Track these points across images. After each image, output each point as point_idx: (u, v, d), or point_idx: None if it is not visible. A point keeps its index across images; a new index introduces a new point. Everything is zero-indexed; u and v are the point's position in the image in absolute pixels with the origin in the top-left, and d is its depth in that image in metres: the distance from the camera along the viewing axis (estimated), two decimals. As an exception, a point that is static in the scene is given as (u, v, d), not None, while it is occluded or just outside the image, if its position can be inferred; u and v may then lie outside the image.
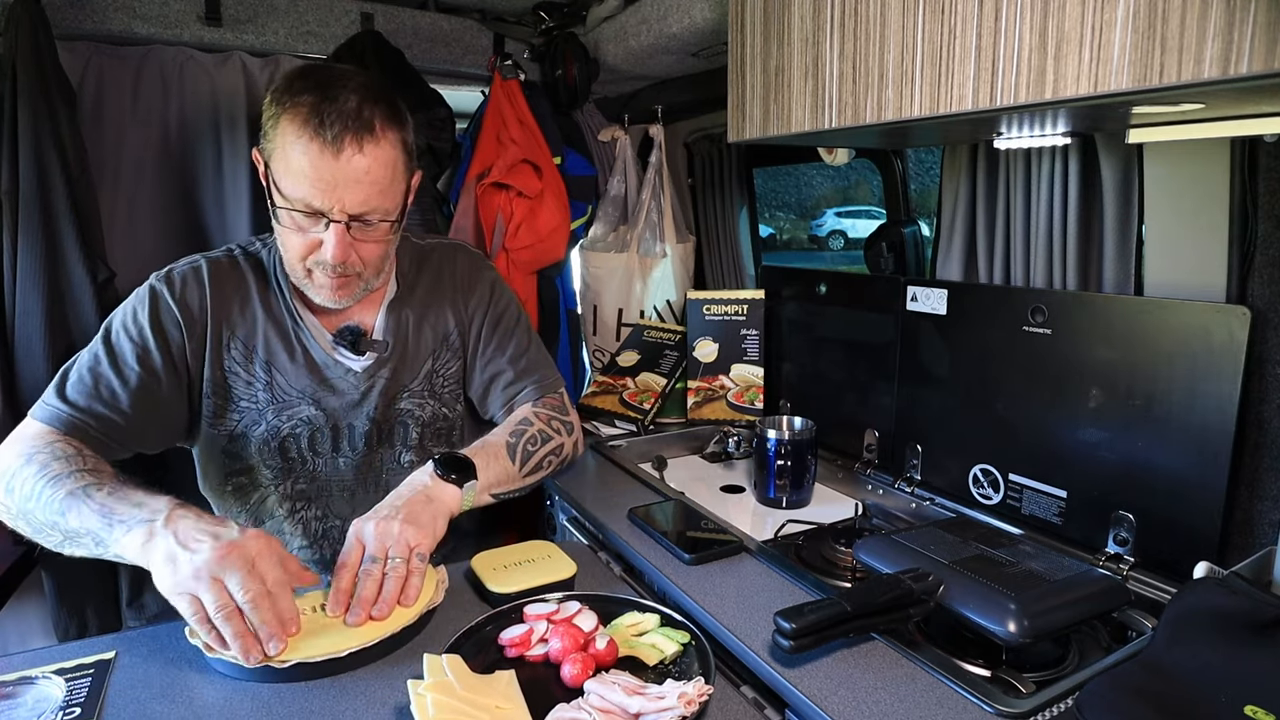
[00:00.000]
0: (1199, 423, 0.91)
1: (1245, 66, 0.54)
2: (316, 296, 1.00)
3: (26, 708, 0.74)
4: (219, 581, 0.74)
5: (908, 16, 0.81)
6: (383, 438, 1.12)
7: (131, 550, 0.79)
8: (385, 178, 0.92)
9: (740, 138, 1.12)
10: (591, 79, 1.77)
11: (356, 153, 0.88)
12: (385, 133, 0.91)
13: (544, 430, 1.09)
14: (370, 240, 0.96)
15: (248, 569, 0.75)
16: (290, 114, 0.88)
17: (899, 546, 0.92)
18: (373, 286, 1.04)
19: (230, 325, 1.03)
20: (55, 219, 1.28)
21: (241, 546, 0.76)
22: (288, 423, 1.06)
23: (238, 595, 0.74)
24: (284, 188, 0.90)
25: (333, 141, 0.87)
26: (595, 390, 1.75)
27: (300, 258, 0.95)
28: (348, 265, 0.95)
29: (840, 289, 1.47)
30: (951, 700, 0.72)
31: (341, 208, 0.90)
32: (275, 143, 0.91)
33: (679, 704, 0.69)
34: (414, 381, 1.12)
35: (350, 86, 0.90)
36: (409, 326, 1.11)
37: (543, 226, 1.78)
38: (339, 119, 0.87)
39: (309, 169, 0.88)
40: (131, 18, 1.41)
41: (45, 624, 1.45)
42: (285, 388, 1.04)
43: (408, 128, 0.97)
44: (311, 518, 1.11)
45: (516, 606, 0.89)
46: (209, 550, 0.74)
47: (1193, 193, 0.94)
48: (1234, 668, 0.66)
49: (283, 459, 1.07)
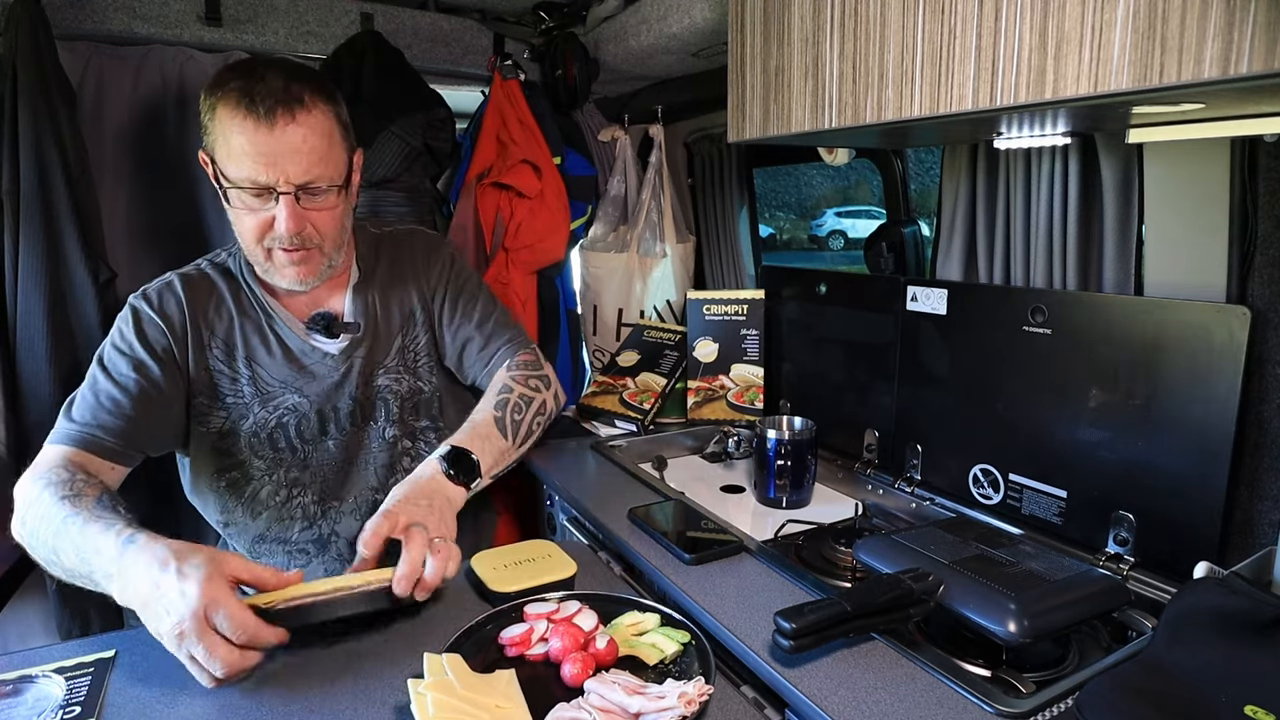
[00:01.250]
0: (1199, 423, 0.91)
1: (1245, 66, 0.54)
2: (281, 280, 1.05)
3: (26, 706, 0.74)
4: (191, 658, 0.74)
5: (908, 16, 0.81)
6: (366, 416, 1.15)
7: (118, 598, 0.79)
8: (322, 145, 0.97)
9: (740, 138, 1.12)
10: (591, 79, 1.77)
11: (290, 123, 0.94)
12: (315, 104, 0.96)
13: (525, 394, 1.12)
14: (320, 209, 1.00)
15: (208, 639, 0.72)
16: (223, 101, 0.94)
17: (899, 546, 0.92)
18: (335, 263, 1.07)
19: (209, 326, 1.08)
20: (56, 219, 1.28)
21: (185, 617, 0.72)
22: (274, 413, 1.09)
23: (209, 666, 0.73)
24: (229, 172, 0.95)
25: (266, 116, 0.92)
26: (595, 390, 1.75)
27: (257, 239, 1.00)
28: (304, 237, 1.00)
29: (840, 289, 1.47)
30: (951, 700, 0.72)
31: (286, 178, 0.95)
32: (215, 133, 0.96)
33: (679, 704, 0.70)
34: (388, 358, 1.16)
35: (274, 67, 0.96)
36: (376, 306, 1.15)
37: (542, 226, 1.78)
38: (268, 95, 0.93)
39: (249, 146, 0.93)
40: (131, 18, 1.41)
41: (47, 623, 1.45)
42: (267, 380, 1.08)
43: (339, 104, 1.02)
44: (309, 501, 1.13)
45: (517, 606, 0.89)
46: (167, 629, 0.73)
47: (1193, 193, 0.94)
48: (1234, 668, 0.66)
49: (273, 450, 1.10)
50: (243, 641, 0.74)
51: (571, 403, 1.93)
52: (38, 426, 1.31)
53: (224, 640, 0.73)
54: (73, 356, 1.33)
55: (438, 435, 1.18)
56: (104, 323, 1.34)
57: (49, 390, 1.30)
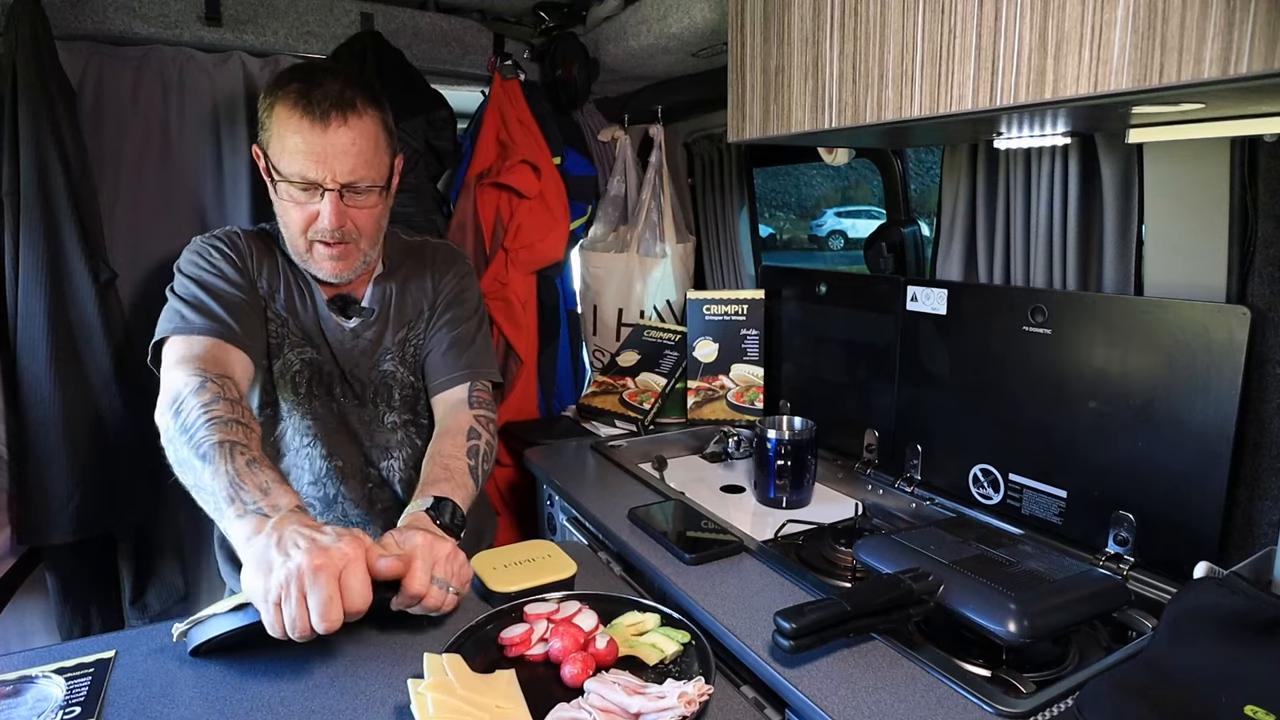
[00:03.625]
0: (1199, 423, 0.91)
1: (1245, 66, 0.54)
2: (319, 272, 1.10)
3: (26, 707, 0.74)
4: (303, 598, 0.73)
5: (908, 16, 0.81)
6: (370, 395, 1.20)
7: (237, 536, 0.80)
8: (369, 148, 1.03)
9: (740, 138, 1.12)
10: (591, 79, 1.77)
11: (342, 125, 1.00)
12: (366, 110, 1.03)
13: (489, 440, 1.15)
14: (362, 207, 1.06)
15: (332, 588, 0.74)
16: (282, 100, 1.00)
17: (899, 546, 0.92)
18: (369, 260, 1.13)
19: (261, 272, 1.14)
20: (57, 220, 1.28)
21: (331, 557, 0.75)
22: (298, 358, 1.16)
23: (314, 616, 0.73)
24: (281, 167, 1.02)
25: (321, 117, 0.99)
26: (595, 390, 1.75)
27: (301, 231, 1.05)
28: (345, 232, 1.05)
29: (840, 289, 1.47)
30: (951, 700, 0.72)
31: (333, 176, 1.01)
32: (271, 130, 1.02)
33: (679, 704, 0.69)
34: (392, 344, 1.21)
35: (332, 74, 1.03)
36: (393, 296, 1.21)
37: (542, 226, 1.79)
38: (325, 98, 0.99)
39: (302, 144, 0.99)
40: (131, 18, 1.41)
41: (48, 623, 1.46)
42: (294, 329, 1.15)
43: (387, 112, 1.09)
44: (318, 455, 1.18)
45: (517, 606, 0.89)
46: (302, 557, 0.74)
47: (1193, 193, 0.94)
48: (1234, 668, 0.66)
49: (294, 392, 1.16)
50: (355, 608, 0.75)
51: (571, 402, 1.94)
52: (38, 426, 1.31)
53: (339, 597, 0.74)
54: (73, 357, 1.33)
55: (419, 432, 1.23)
56: (104, 323, 1.35)
57: (49, 390, 1.30)
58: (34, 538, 1.34)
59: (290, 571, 0.73)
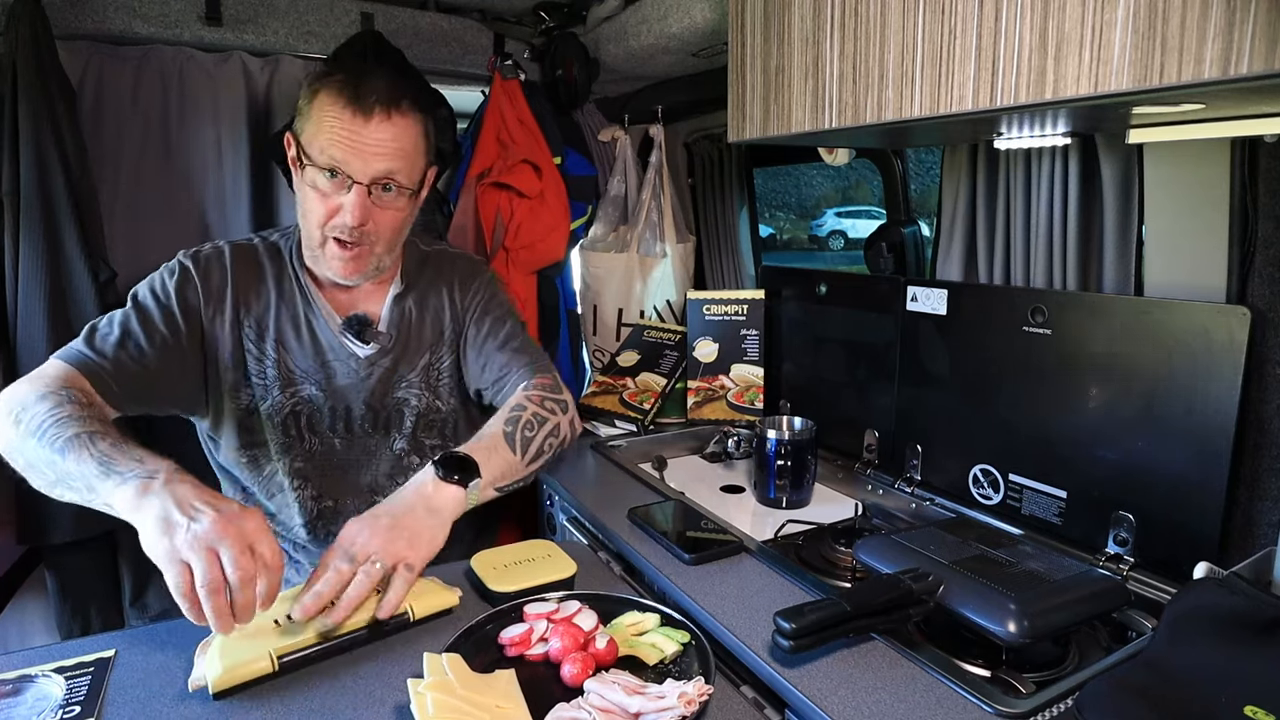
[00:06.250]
0: (1199, 423, 0.91)
1: (1245, 67, 0.54)
2: (328, 271, 1.07)
3: (26, 706, 0.74)
4: (214, 553, 0.72)
5: (908, 17, 0.81)
6: (378, 424, 1.16)
7: (122, 503, 0.77)
8: (408, 148, 1.02)
9: (740, 138, 1.12)
10: (591, 79, 1.77)
11: (385, 119, 0.98)
12: (410, 110, 1.02)
13: (538, 413, 1.10)
14: (387, 208, 1.03)
15: (242, 545, 0.73)
16: (327, 87, 0.99)
17: (899, 546, 0.92)
18: (383, 266, 1.09)
19: (247, 305, 1.10)
20: (57, 219, 1.28)
21: (239, 521, 0.74)
22: (290, 400, 1.11)
23: (229, 570, 0.72)
24: (313, 152, 0.99)
25: (365, 109, 0.97)
26: (595, 390, 1.75)
27: (320, 223, 1.02)
28: (364, 232, 1.02)
29: (840, 289, 1.47)
30: (951, 700, 0.72)
31: (365, 169, 0.99)
32: (309, 115, 1.00)
33: (679, 704, 0.69)
34: (411, 373, 1.17)
35: (381, 73, 1.02)
36: (411, 318, 1.17)
37: (542, 226, 1.78)
38: (372, 90, 0.98)
39: (341, 130, 0.97)
40: (131, 17, 1.41)
41: (48, 623, 1.46)
42: (291, 366, 1.11)
43: (429, 118, 1.07)
44: (308, 497, 1.14)
45: (516, 606, 0.89)
46: (208, 521, 0.73)
47: (1193, 193, 0.94)
48: (1234, 668, 0.66)
49: (284, 435, 1.13)
50: (271, 564, 0.74)
51: (571, 402, 1.94)
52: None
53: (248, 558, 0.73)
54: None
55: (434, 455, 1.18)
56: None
57: (49, 390, 1.30)
58: (34, 538, 1.34)
59: (199, 530, 0.72)
